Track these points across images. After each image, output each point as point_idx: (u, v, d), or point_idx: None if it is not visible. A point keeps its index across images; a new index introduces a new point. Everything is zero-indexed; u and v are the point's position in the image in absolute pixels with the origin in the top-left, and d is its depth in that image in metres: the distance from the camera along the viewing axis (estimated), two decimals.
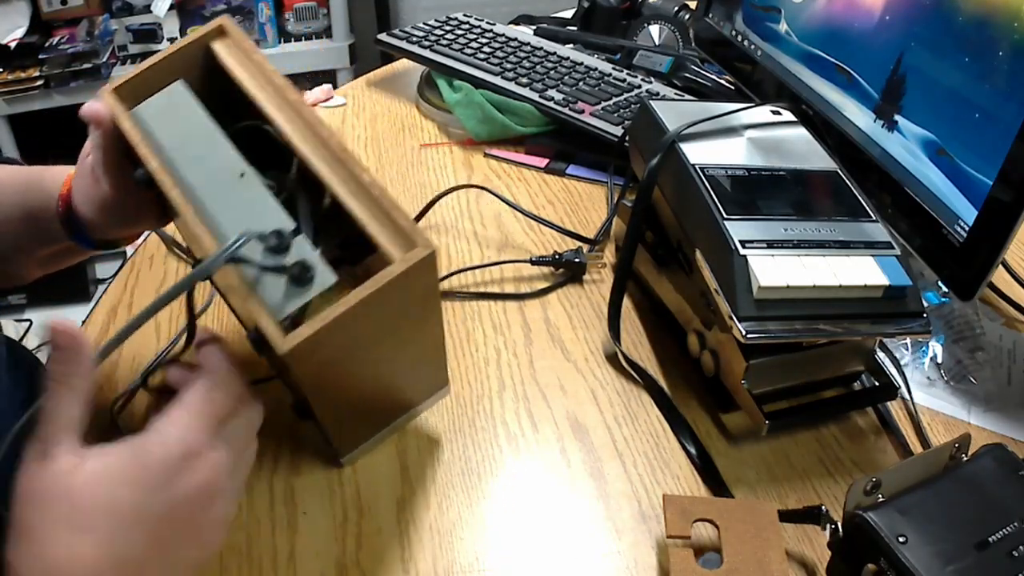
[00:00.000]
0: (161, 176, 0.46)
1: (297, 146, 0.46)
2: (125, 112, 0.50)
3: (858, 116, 0.69)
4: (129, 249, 0.70)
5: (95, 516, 0.36)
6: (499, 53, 1.01)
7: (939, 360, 0.65)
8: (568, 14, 1.20)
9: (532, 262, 0.73)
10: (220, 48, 0.51)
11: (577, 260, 0.73)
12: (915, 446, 0.59)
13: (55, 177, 0.61)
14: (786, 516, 0.50)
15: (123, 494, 0.37)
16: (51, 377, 0.38)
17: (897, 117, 0.64)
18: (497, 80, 0.95)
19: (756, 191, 0.60)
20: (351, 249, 0.49)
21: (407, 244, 0.42)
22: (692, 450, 0.58)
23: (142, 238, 0.77)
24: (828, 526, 0.48)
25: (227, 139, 0.48)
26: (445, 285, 0.72)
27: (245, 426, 0.44)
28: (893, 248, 0.57)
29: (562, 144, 0.92)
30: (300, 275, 0.42)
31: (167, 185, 0.46)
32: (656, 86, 0.96)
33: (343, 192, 0.44)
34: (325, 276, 0.43)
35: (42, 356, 0.62)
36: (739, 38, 0.89)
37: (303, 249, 0.43)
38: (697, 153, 0.63)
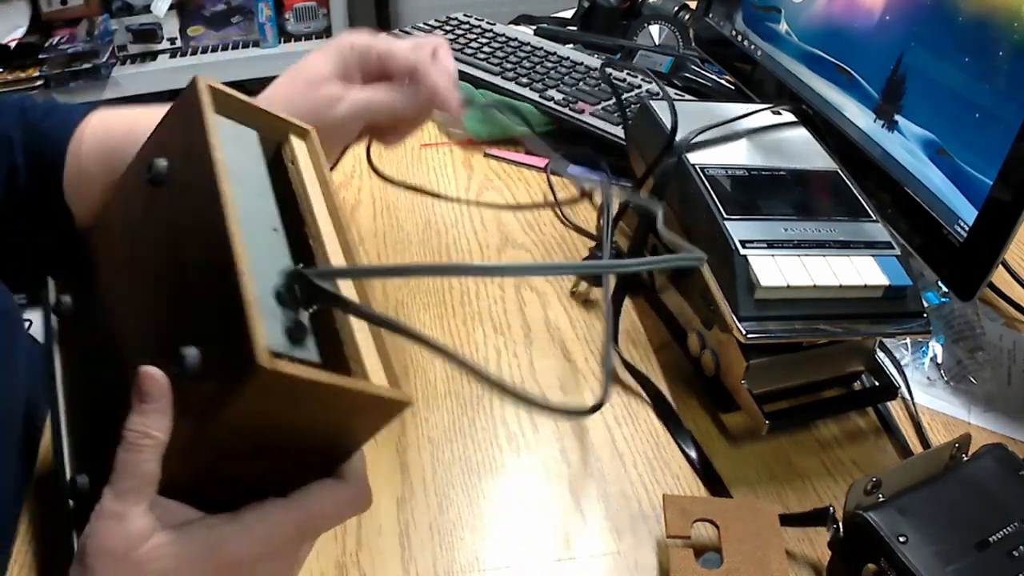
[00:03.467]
0: (224, 189, 0.42)
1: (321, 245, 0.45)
2: (211, 109, 0.46)
3: (858, 116, 0.69)
4: None
5: None
6: (499, 53, 1.01)
7: (939, 360, 0.65)
8: (568, 14, 1.19)
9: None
10: (297, 146, 0.49)
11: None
12: (915, 446, 0.59)
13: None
14: (790, 520, 0.50)
15: None
16: (132, 427, 0.37)
17: (897, 117, 0.64)
18: (497, 80, 0.95)
19: (756, 191, 0.60)
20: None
21: (393, 379, 0.41)
22: (692, 454, 0.57)
23: None
24: (830, 526, 0.48)
25: (272, 190, 0.46)
26: (446, 285, 0.72)
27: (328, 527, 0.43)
28: (893, 248, 0.57)
29: (562, 144, 0.91)
30: (294, 333, 0.40)
31: (228, 206, 0.41)
32: (656, 86, 0.96)
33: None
34: (311, 349, 0.40)
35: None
36: (739, 38, 0.89)
37: (304, 316, 0.41)
38: (697, 153, 0.63)
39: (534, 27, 1.14)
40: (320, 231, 0.45)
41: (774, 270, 0.53)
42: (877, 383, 0.61)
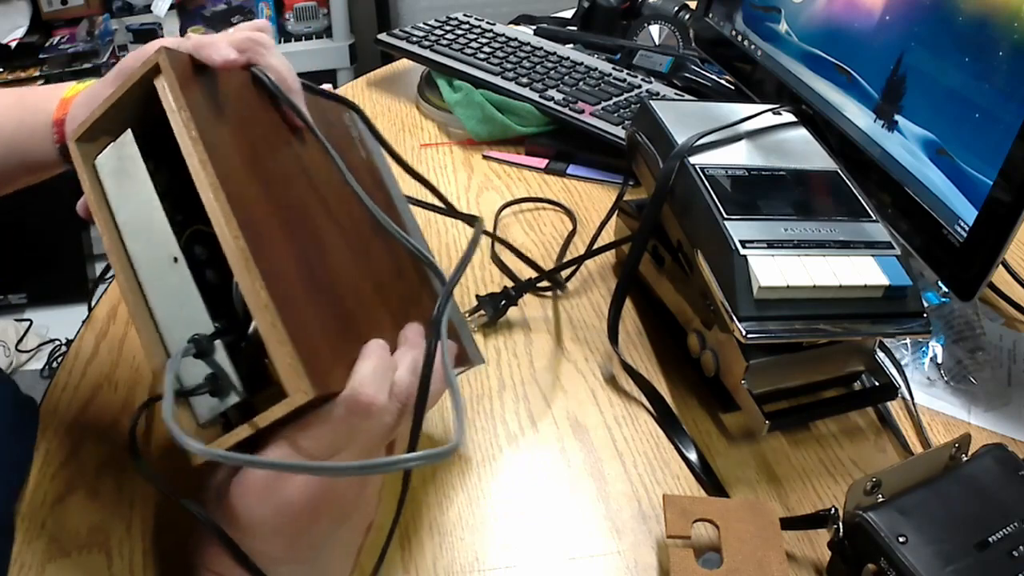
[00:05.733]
0: (111, 252, 0.44)
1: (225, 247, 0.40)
2: (85, 166, 0.45)
3: (858, 116, 0.69)
4: None
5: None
6: (499, 53, 1.01)
7: (939, 360, 0.65)
8: (568, 14, 1.20)
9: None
10: (163, 87, 0.43)
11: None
12: (915, 446, 0.59)
13: (46, 99, 0.58)
14: (791, 523, 0.50)
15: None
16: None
17: (897, 117, 0.64)
18: (497, 80, 0.95)
19: (756, 191, 0.60)
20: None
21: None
22: (691, 456, 0.57)
23: None
24: (830, 526, 0.48)
25: (164, 214, 0.43)
26: None
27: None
28: (893, 248, 0.57)
29: (562, 144, 0.92)
30: (215, 387, 0.41)
31: (116, 266, 0.44)
32: (656, 86, 0.97)
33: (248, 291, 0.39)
34: (235, 390, 0.41)
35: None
36: (739, 38, 0.89)
37: (221, 356, 0.41)
38: (697, 154, 0.63)
39: (534, 27, 1.14)
40: (214, 220, 0.40)
41: (774, 270, 0.53)
42: (877, 383, 0.61)
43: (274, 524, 0.41)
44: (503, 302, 0.68)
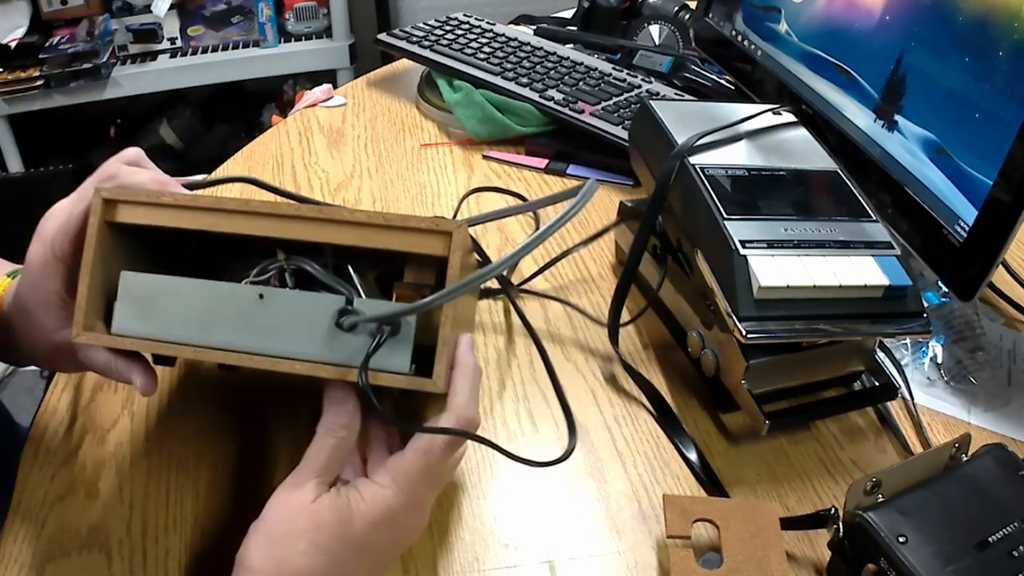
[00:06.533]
0: (199, 357, 0.46)
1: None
2: (103, 340, 0.47)
3: (858, 116, 0.69)
4: None
5: (332, 540, 0.43)
6: (499, 53, 1.01)
7: (939, 360, 0.65)
8: (568, 14, 1.19)
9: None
10: (128, 213, 0.47)
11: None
12: (915, 446, 0.59)
13: None
14: (791, 523, 0.50)
15: (354, 531, 0.43)
16: (322, 425, 0.44)
17: (897, 117, 0.64)
18: (497, 80, 0.95)
19: (756, 191, 0.60)
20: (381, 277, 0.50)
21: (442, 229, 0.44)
22: (692, 456, 0.57)
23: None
24: (830, 526, 0.48)
25: (212, 282, 0.46)
26: None
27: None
28: (893, 248, 0.57)
29: (562, 144, 0.92)
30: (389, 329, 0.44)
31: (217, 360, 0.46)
32: (656, 86, 0.96)
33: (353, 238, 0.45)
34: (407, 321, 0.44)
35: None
36: (739, 38, 0.89)
37: (370, 306, 0.45)
38: (697, 154, 0.63)
39: (534, 27, 1.14)
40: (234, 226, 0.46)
41: (774, 270, 0.53)
42: (877, 383, 0.61)
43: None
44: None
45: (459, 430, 0.45)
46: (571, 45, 1.08)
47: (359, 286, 0.48)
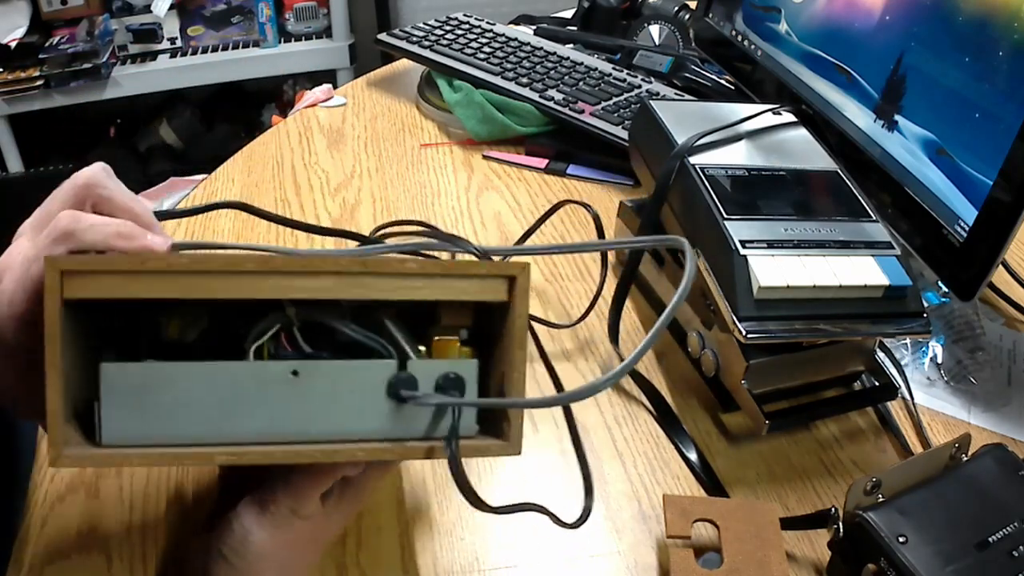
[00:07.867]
0: (231, 459, 0.39)
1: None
2: (94, 459, 0.39)
3: (858, 116, 0.69)
4: None
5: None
6: (499, 53, 1.01)
7: (939, 360, 0.65)
8: (568, 14, 1.20)
9: None
10: (92, 286, 0.36)
11: None
12: (915, 446, 0.59)
13: None
14: (791, 523, 0.50)
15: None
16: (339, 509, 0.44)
17: (897, 117, 0.64)
18: (497, 80, 0.95)
19: (756, 191, 0.60)
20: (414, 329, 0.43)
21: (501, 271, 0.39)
22: (692, 456, 0.57)
23: None
24: (830, 526, 0.48)
25: (223, 363, 0.37)
26: None
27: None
28: (893, 248, 0.57)
29: (562, 144, 0.92)
30: (445, 385, 0.39)
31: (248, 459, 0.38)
32: (656, 86, 0.96)
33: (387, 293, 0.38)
34: (469, 371, 0.40)
35: None
36: (739, 38, 0.89)
37: (421, 369, 0.39)
38: (697, 154, 0.63)
39: (534, 27, 1.14)
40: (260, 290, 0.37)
41: (774, 270, 0.53)
42: (877, 383, 0.61)
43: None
44: None
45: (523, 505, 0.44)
46: (571, 45, 1.08)
47: (402, 343, 0.40)
